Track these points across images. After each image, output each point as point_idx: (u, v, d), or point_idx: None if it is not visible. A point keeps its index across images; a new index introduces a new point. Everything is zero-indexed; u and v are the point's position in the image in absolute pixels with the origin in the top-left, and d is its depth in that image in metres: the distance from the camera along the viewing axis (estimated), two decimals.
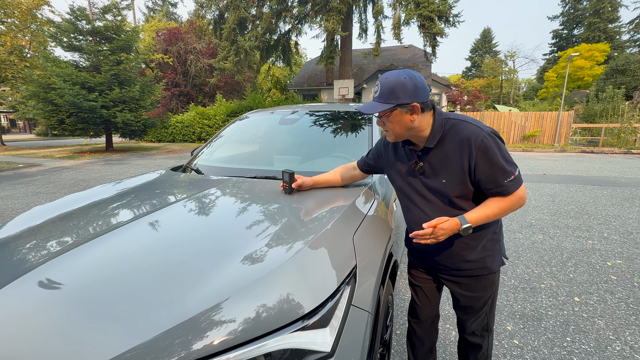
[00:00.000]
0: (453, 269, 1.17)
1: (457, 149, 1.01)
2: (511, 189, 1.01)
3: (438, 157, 1.06)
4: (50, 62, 11.41)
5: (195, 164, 2.11)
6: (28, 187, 6.33)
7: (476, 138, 0.98)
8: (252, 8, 14.22)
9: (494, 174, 0.99)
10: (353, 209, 1.24)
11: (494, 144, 0.98)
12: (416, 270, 1.35)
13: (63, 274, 0.88)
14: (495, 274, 1.18)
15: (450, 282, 1.23)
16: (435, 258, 1.19)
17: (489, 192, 1.03)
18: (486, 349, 1.31)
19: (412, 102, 0.98)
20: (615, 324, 1.99)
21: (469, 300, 1.21)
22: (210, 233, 1.10)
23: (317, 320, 0.77)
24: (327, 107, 2.40)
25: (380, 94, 1.01)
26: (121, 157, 11.49)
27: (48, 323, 0.73)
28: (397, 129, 1.05)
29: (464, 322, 1.29)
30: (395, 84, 0.98)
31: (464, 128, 1.01)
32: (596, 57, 25.14)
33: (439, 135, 1.04)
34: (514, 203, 1.02)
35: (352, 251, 0.99)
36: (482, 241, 1.11)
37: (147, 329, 0.69)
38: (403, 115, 1.01)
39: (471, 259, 1.12)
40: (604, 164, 8.90)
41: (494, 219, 1.04)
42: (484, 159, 0.98)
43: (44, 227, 1.25)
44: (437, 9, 11.59)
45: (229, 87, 22.98)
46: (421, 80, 1.01)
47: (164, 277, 0.84)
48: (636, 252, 3.05)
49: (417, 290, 1.38)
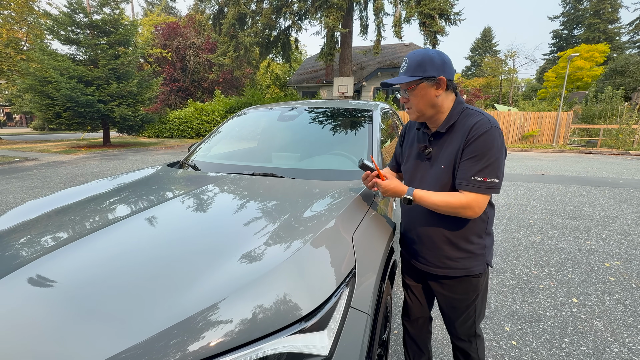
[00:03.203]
0: (435, 265, 1.16)
1: (462, 134, 1.01)
2: (471, 188, 0.97)
3: (446, 143, 1.06)
4: (47, 55, 11.28)
5: (193, 160, 2.08)
6: (24, 181, 6.27)
7: (479, 127, 0.97)
8: (252, 3, 14.08)
9: (470, 163, 0.97)
10: (353, 207, 1.21)
11: (492, 141, 0.95)
12: (407, 270, 1.36)
13: (55, 271, 0.86)
14: (479, 278, 1.14)
15: (434, 282, 1.22)
16: (420, 249, 1.19)
17: (456, 181, 1.02)
18: (476, 353, 1.30)
19: (439, 75, 0.99)
20: (614, 325, 1.98)
21: (451, 302, 1.21)
22: (206, 231, 1.07)
23: (315, 322, 0.75)
24: (327, 104, 2.37)
25: (407, 68, 1.02)
26: (118, 152, 11.41)
27: (38, 322, 0.70)
28: (420, 104, 1.04)
29: (448, 325, 1.30)
30: (424, 57, 0.99)
31: (475, 117, 1.00)
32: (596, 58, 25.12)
33: (452, 122, 1.04)
34: (462, 204, 0.98)
35: (351, 251, 0.96)
36: (465, 240, 1.09)
37: (142, 329, 0.67)
38: (428, 89, 1.01)
39: (452, 257, 1.12)
40: (602, 164, 8.92)
41: (435, 207, 1.02)
42: (472, 146, 0.96)
43: (38, 222, 1.22)
44: (438, 6, 11.51)
45: (228, 83, 22.83)
46: (448, 58, 1.02)
47: (158, 275, 0.82)
48: (634, 253, 3.05)
49: (408, 290, 1.39)
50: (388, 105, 2.68)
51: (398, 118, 3.19)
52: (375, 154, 1.76)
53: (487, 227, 1.12)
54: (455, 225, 1.08)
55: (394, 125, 2.73)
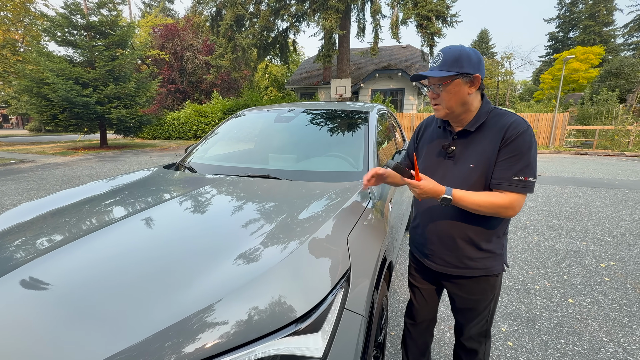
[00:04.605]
0: (454, 265, 1.14)
1: (496, 134, 1.00)
2: (513, 188, 0.96)
3: (474, 142, 1.04)
4: (43, 57, 11.23)
5: (189, 161, 2.08)
6: (19, 183, 6.22)
7: (517, 126, 0.97)
8: (249, 5, 14.11)
9: (508, 164, 0.96)
10: (348, 209, 1.21)
11: (528, 141, 0.96)
12: (417, 271, 1.33)
13: (49, 272, 0.86)
14: (497, 278, 1.16)
15: (450, 282, 1.20)
16: (438, 249, 1.16)
17: (492, 182, 1.00)
18: (483, 354, 1.29)
19: (475, 73, 0.98)
20: (609, 325, 1.99)
21: (468, 302, 1.19)
22: (201, 232, 1.07)
23: (309, 324, 0.75)
24: (323, 106, 2.38)
25: (442, 62, 0.99)
26: (115, 153, 11.36)
27: (32, 324, 0.70)
28: (452, 101, 1.02)
29: (463, 325, 1.27)
30: (461, 53, 0.98)
31: (509, 117, 1.01)
32: (591, 60, 25.34)
33: (481, 121, 1.03)
34: (505, 204, 0.97)
35: (346, 253, 0.96)
36: (487, 241, 1.09)
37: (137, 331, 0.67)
38: (462, 86, 1.00)
39: (473, 257, 1.10)
40: (597, 165, 8.99)
41: (476, 207, 0.98)
42: (510, 146, 0.96)
43: (32, 224, 1.21)
44: (434, 8, 11.58)
45: (225, 85, 22.82)
46: (482, 58, 1.02)
47: (153, 277, 0.82)
48: (629, 253, 3.07)
49: (415, 291, 1.36)
50: (385, 107, 2.69)
51: (395, 120, 3.20)
52: (372, 155, 1.76)
53: (507, 226, 1.13)
54: (481, 225, 1.06)
55: (390, 126, 2.74)
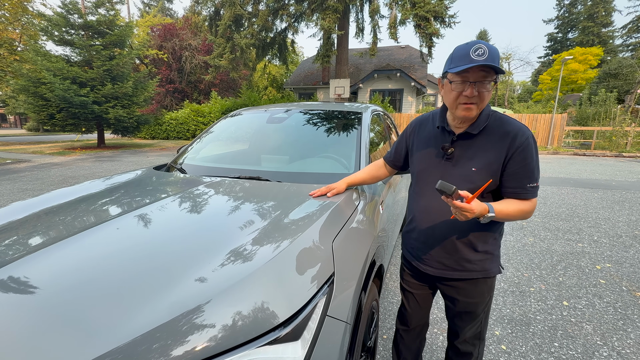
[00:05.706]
0: (452, 268, 1.13)
1: (500, 140, 1.00)
2: (529, 195, 1.01)
3: (475, 145, 1.03)
4: (40, 56, 11.17)
5: (180, 162, 2.05)
6: (15, 183, 6.19)
7: (522, 134, 0.99)
8: (248, 5, 14.08)
9: (522, 173, 1.00)
10: (335, 212, 1.19)
11: (534, 148, 1.00)
12: (409, 275, 1.31)
13: (33, 273, 0.84)
14: (493, 279, 1.16)
15: (447, 286, 1.19)
16: (436, 253, 1.14)
17: (507, 190, 1.03)
18: (476, 357, 1.28)
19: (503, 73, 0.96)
20: (603, 329, 1.98)
21: (466, 306, 1.18)
22: (185, 235, 1.05)
23: (288, 332, 0.72)
24: (317, 107, 2.35)
25: (491, 57, 0.89)
26: (113, 153, 11.32)
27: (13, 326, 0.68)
28: (486, 101, 0.99)
29: (459, 329, 1.25)
30: (498, 52, 0.92)
31: (511, 123, 1.02)
32: (590, 61, 25.39)
33: (484, 124, 1.02)
34: (529, 210, 1.02)
35: (330, 257, 0.94)
36: (485, 242, 1.09)
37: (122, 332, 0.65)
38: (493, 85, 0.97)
39: (471, 259, 1.10)
40: (595, 166, 8.99)
41: (508, 218, 1.02)
42: (520, 155, 0.98)
43: (20, 224, 1.20)
44: (433, 9, 11.57)
45: (224, 85, 22.77)
46: None
47: (136, 278, 0.81)
48: (625, 255, 3.05)
49: (408, 296, 1.34)
50: (380, 108, 2.67)
51: (391, 121, 3.18)
52: (363, 156, 1.74)
53: (503, 227, 1.15)
54: (480, 226, 1.06)
55: (386, 127, 2.72)
